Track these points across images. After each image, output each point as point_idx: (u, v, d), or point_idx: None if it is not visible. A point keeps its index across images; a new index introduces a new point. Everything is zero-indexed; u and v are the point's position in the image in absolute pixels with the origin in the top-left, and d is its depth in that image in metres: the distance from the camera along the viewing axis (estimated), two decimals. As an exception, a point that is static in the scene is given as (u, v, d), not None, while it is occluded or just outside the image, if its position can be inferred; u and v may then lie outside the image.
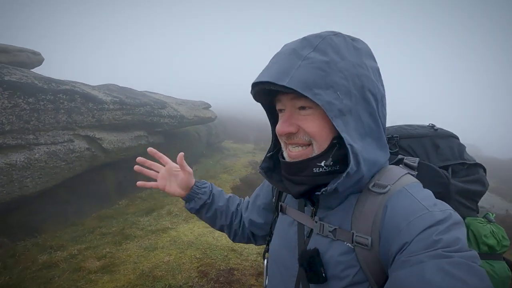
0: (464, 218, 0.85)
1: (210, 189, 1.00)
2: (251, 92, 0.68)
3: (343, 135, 0.57)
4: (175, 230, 4.87)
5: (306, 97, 0.57)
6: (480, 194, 0.91)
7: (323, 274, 0.61)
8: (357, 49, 0.63)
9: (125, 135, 5.95)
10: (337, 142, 0.61)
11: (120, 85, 7.53)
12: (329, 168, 0.62)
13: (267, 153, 0.78)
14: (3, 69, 4.22)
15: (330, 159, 0.61)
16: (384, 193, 0.59)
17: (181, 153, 0.89)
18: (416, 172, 0.69)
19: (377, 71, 0.66)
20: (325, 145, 0.62)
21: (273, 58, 0.63)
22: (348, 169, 0.57)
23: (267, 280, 0.81)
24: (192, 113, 8.45)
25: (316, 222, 0.66)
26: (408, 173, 0.66)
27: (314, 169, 0.62)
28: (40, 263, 3.73)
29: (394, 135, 0.90)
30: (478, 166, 0.93)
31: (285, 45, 0.65)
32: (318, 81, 0.56)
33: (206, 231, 4.82)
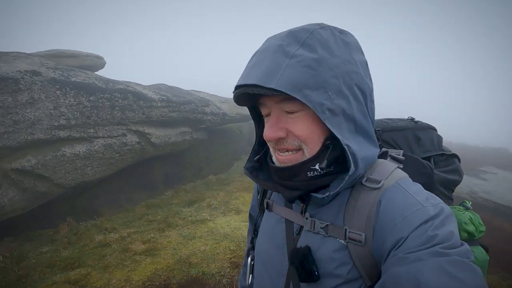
0: None
1: None
2: (233, 96, 0.62)
3: (339, 136, 0.55)
4: (213, 222, 5.08)
5: (293, 100, 0.54)
6: (457, 184, 0.94)
7: (316, 272, 0.59)
8: (346, 43, 0.59)
9: (171, 131, 6.38)
10: (331, 143, 0.59)
11: (169, 85, 8.10)
12: (324, 171, 0.59)
13: (252, 154, 0.74)
14: (71, 72, 4.87)
15: (325, 161, 0.58)
16: (378, 188, 0.58)
17: None
18: (402, 165, 0.68)
19: (365, 65, 0.63)
20: (316, 147, 0.59)
21: (256, 55, 0.58)
22: (350, 172, 0.55)
23: (250, 279, 0.79)
24: (234, 111, 8.70)
25: (306, 218, 0.64)
26: (398, 167, 0.65)
27: (308, 173, 0.60)
28: (96, 242, 4.24)
29: (376, 129, 0.90)
30: (454, 156, 0.96)
31: (268, 40, 0.59)
32: (308, 81, 0.52)
33: (242, 225, 4.94)
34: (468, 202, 0.94)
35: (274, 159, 0.64)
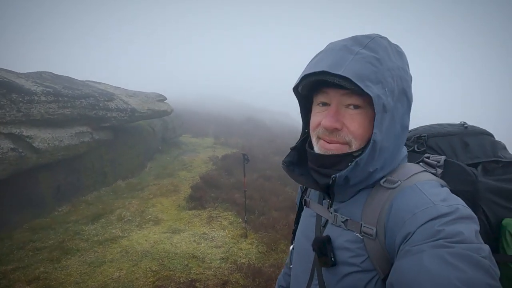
0: (501, 219, 0.81)
1: None
2: (297, 87, 0.70)
3: (375, 130, 0.61)
4: (127, 238, 4.34)
5: (357, 95, 0.62)
6: None
7: (332, 259, 0.66)
8: (400, 54, 0.67)
9: (63, 132, 5.12)
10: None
11: (56, 73, 6.50)
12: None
13: (293, 147, 0.80)
14: None
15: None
16: (393, 188, 0.63)
17: None
18: (441, 170, 0.73)
19: (411, 79, 0.69)
20: (363, 144, 0.65)
21: (320, 54, 0.66)
22: (357, 159, 0.61)
23: (291, 266, 0.90)
24: (145, 106, 7.71)
25: (331, 213, 0.71)
26: (425, 171, 0.69)
27: (349, 163, 0.64)
28: None
29: (422, 134, 0.91)
30: None
31: (330, 43, 0.68)
32: (369, 75, 0.59)
33: (163, 237, 4.39)
34: None
35: (316, 147, 0.70)
